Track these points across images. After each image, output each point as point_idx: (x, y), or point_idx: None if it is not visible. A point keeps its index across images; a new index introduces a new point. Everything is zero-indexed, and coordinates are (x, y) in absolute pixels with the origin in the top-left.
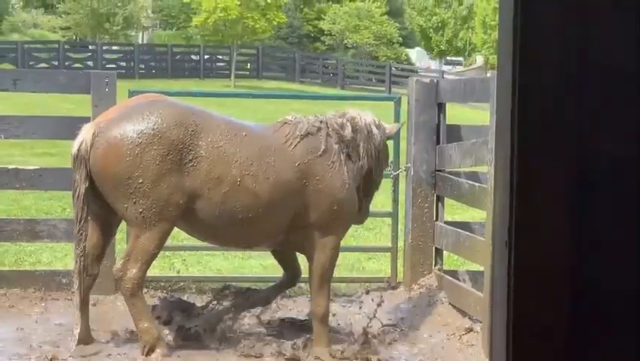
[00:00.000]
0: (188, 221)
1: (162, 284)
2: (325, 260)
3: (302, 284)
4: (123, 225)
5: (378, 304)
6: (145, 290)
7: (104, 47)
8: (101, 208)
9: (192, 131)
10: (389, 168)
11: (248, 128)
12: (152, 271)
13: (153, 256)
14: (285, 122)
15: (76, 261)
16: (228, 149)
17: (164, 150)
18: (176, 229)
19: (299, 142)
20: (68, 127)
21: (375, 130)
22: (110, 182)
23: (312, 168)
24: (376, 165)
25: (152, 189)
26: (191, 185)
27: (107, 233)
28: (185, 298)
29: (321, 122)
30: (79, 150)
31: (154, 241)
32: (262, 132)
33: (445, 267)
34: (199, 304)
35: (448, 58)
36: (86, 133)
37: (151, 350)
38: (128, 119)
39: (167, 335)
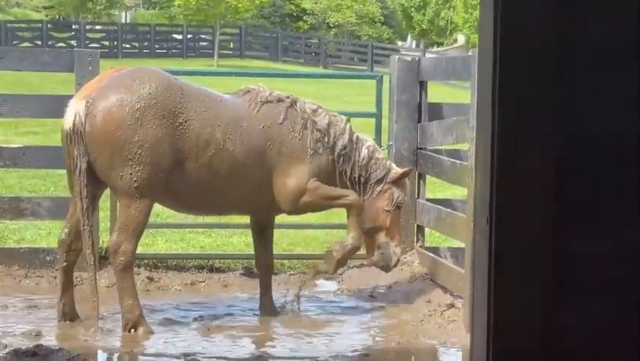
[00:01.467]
0: (171, 190)
1: (145, 262)
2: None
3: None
4: (105, 202)
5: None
6: None
7: (87, 27)
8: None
9: (181, 95)
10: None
11: (219, 95)
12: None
13: (143, 227)
14: (248, 91)
15: (86, 236)
16: (212, 113)
17: (161, 113)
18: (160, 207)
19: (260, 107)
20: (52, 106)
21: (364, 151)
22: (109, 149)
23: (274, 133)
24: (360, 183)
25: (150, 154)
26: (182, 148)
27: (91, 208)
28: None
29: (287, 97)
30: (74, 123)
31: (143, 211)
32: (231, 99)
33: (427, 244)
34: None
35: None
36: (77, 105)
37: (133, 328)
38: (123, 85)
39: None
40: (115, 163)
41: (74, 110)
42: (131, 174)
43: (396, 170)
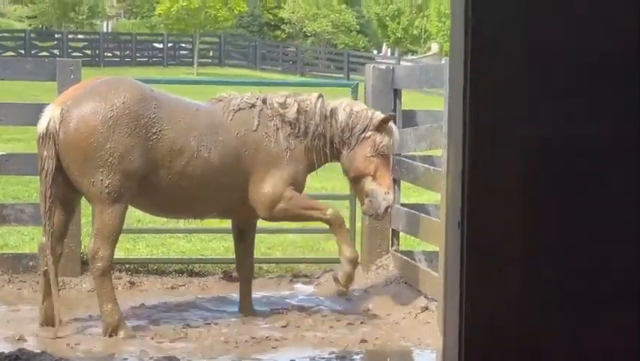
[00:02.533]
0: (147, 196)
1: (127, 266)
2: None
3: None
4: (88, 208)
5: None
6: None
7: (70, 36)
8: (62, 187)
9: (155, 105)
10: None
11: (195, 104)
12: (118, 254)
13: (118, 233)
14: (220, 99)
15: (47, 238)
16: (187, 123)
17: (134, 123)
18: (141, 213)
19: (233, 115)
20: (36, 114)
21: (342, 114)
22: (81, 156)
23: (248, 140)
24: (343, 145)
25: (120, 162)
26: (155, 156)
27: (69, 212)
28: None
29: (257, 98)
30: (47, 127)
31: (117, 216)
32: (205, 108)
33: (402, 248)
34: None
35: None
36: (53, 111)
37: (113, 331)
38: (98, 94)
39: None
40: (86, 170)
41: (50, 115)
42: (102, 180)
43: (379, 117)
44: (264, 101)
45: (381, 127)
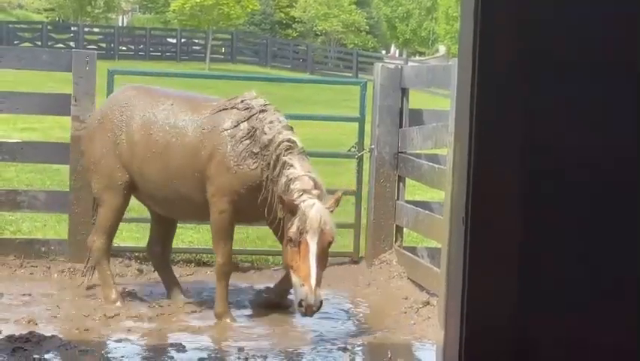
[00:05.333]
0: (141, 195)
1: (136, 255)
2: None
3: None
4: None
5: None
6: (120, 260)
7: (86, 29)
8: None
9: (121, 113)
10: (353, 148)
11: (183, 98)
12: (127, 242)
13: (113, 227)
14: (236, 96)
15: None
16: (152, 119)
17: (105, 131)
18: None
19: (218, 112)
20: (50, 103)
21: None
22: (82, 160)
23: (213, 140)
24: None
25: (100, 167)
26: (125, 160)
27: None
28: None
29: (261, 105)
30: None
31: (109, 213)
32: (200, 102)
33: (405, 244)
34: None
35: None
36: None
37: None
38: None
39: None
40: (86, 172)
41: None
42: (94, 182)
43: (300, 200)
44: (260, 112)
45: (292, 211)
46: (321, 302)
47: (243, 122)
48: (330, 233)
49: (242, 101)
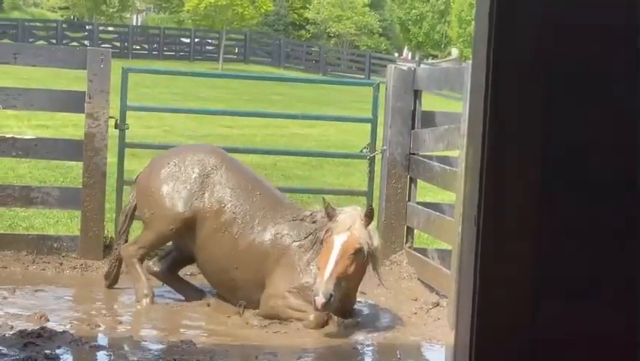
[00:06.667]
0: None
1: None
2: None
3: None
4: (111, 195)
5: None
6: None
7: (100, 28)
8: None
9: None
10: (366, 150)
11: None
12: None
13: (152, 248)
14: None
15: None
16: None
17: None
18: None
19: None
20: (64, 101)
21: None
22: None
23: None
24: None
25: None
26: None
27: None
28: None
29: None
30: None
31: (153, 237)
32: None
33: (416, 245)
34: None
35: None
36: None
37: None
38: None
39: None
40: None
41: None
42: (149, 207)
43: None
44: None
45: (330, 215)
46: (331, 296)
47: (310, 234)
48: (357, 239)
49: (311, 214)
